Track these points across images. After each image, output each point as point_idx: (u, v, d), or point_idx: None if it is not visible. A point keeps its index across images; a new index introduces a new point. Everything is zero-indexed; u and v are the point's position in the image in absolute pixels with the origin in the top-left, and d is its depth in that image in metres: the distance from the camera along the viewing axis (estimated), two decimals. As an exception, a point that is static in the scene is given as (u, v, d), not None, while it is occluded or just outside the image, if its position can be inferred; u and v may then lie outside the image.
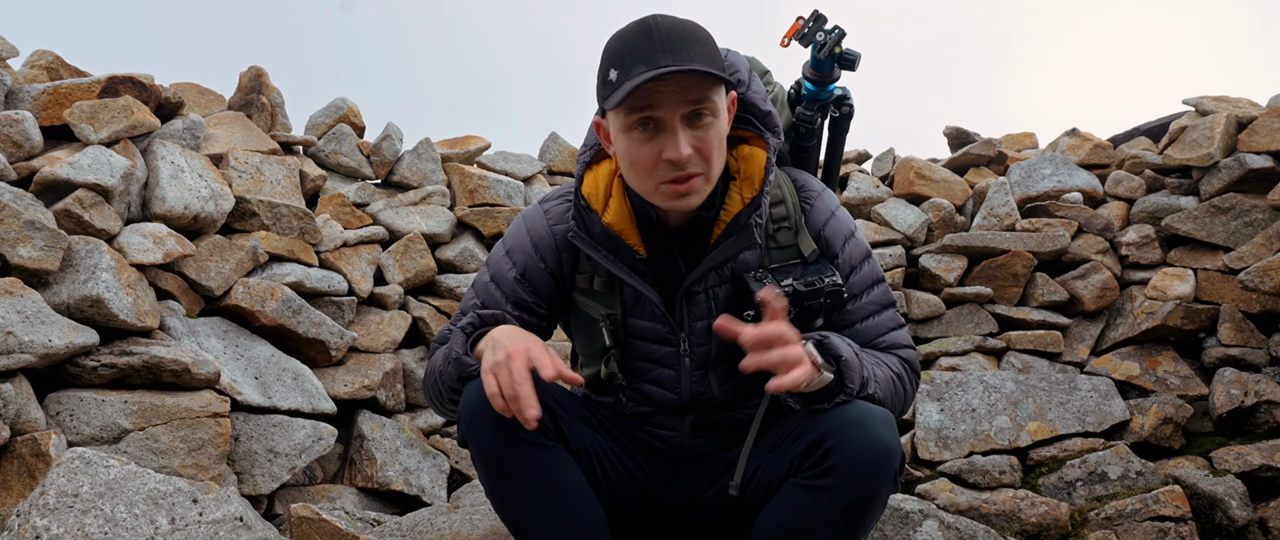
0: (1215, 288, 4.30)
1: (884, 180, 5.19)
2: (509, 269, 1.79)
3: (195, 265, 3.56)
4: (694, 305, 1.72)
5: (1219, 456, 3.80)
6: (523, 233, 1.80)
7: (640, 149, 1.57)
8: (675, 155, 1.54)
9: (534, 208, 1.83)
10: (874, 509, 1.57)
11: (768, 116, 1.71)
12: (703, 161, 1.57)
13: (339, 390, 3.83)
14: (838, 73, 1.90)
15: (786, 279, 1.67)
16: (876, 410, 1.57)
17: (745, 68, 1.76)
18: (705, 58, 1.54)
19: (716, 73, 1.53)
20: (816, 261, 1.72)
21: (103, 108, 3.53)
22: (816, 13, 1.87)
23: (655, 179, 1.59)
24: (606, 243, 1.70)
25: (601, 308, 1.77)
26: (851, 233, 1.77)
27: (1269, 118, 4.30)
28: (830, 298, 1.68)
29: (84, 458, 2.20)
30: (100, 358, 3.06)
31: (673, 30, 1.54)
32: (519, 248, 1.80)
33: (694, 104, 1.54)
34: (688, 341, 1.74)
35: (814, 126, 1.95)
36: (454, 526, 2.36)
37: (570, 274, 1.79)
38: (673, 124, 1.54)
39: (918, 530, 2.67)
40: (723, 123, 1.60)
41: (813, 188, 1.80)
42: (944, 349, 4.40)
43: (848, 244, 1.75)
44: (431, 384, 1.76)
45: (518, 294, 1.78)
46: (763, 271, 1.69)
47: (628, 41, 1.55)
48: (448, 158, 4.80)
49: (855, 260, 1.75)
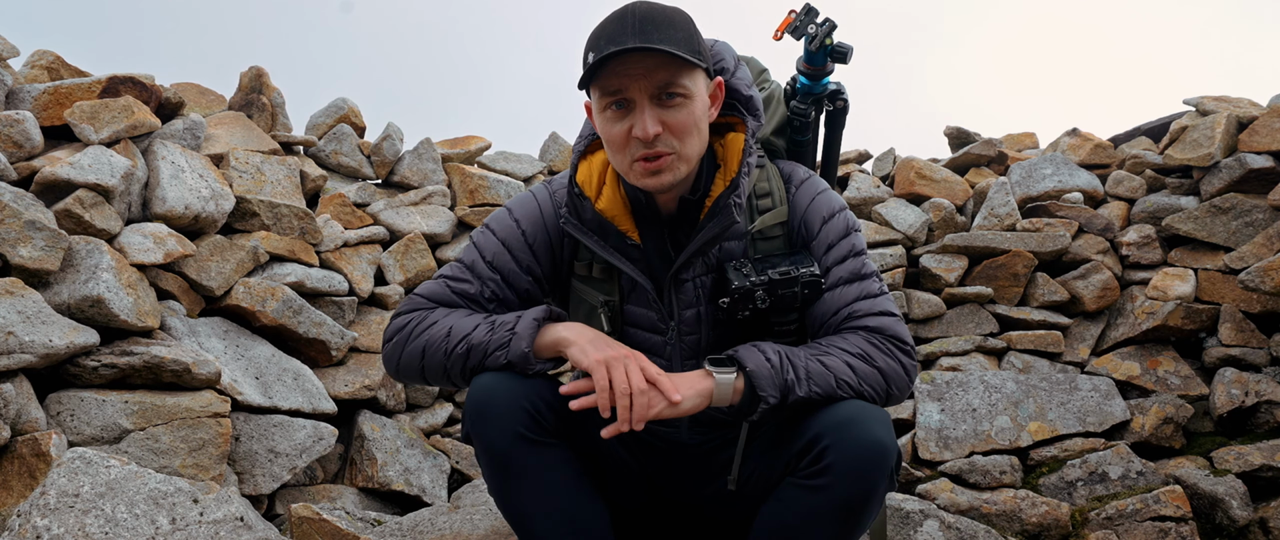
0: (1216, 288, 4.30)
1: (884, 180, 5.19)
2: (520, 236, 1.79)
3: (196, 265, 3.56)
4: (682, 293, 1.75)
5: (1220, 456, 3.80)
6: (533, 206, 1.81)
7: (612, 127, 1.63)
8: (642, 133, 1.59)
9: (541, 186, 1.85)
10: (870, 507, 1.58)
11: (749, 100, 1.74)
12: (675, 140, 1.62)
13: (339, 390, 3.83)
14: (830, 66, 1.92)
15: (766, 269, 1.70)
16: (872, 409, 1.59)
17: (732, 57, 1.80)
18: (677, 41, 1.59)
19: (683, 55, 1.57)
20: (799, 253, 1.74)
21: (103, 108, 3.53)
22: (808, 6, 1.89)
23: (628, 156, 1.64)
24: (598, 228, 1.72)
25: (600, 295, 1.78)
26: (833, 213, 1.77)
27: (1269, 117, 4.30)
28: (807, 288, 1.70)
29: (85, 458, 2.20)
30: (101, 358, 3.06)
31: (647, 15, 1.60)
32: (527, 217, 1.80)
33: (662, 85, 1.59)
34: (677, 330, 1.76)
35: (808, 120, 1.97)
36: (454, 526, 2.36)
37: (570, 259, 1.82)
38: (641, 103, 1.60)
39: (918, 530, 2.67)
40: (698, 105, 1.63)
41: (798, 176, 1.82)
42: (944, 349, 4.40)
43: (827, 223, 1.76)
44: (431, 357, 1.69)
45: (530, 261, 1.78)
46: (743, 261, 1.72)
47: (604, 25, 1.62)
48: (448, 158, 4.81)
49: (831, 238, 1.75)
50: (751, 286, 1.68)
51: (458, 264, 1.80)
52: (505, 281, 1.76)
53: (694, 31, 1.64)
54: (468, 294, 1.75)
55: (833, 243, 1.74)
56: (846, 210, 1.79)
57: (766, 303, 1.68)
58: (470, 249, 1.81)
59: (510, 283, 1.76)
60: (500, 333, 1.64)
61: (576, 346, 1.61)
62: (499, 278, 1.76)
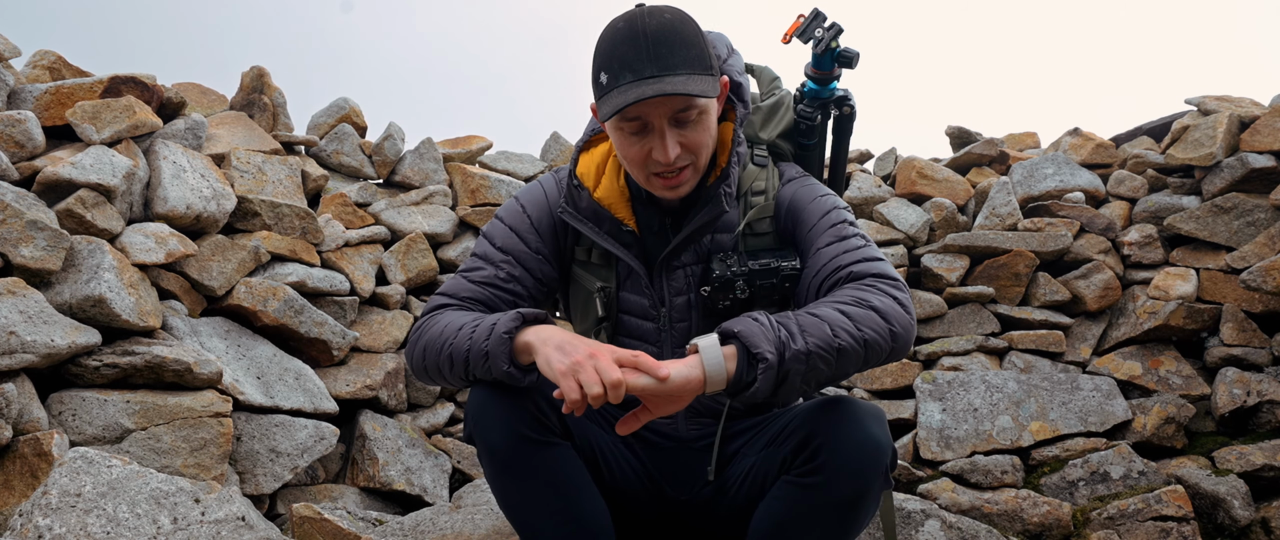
0: (1217, 287, 4.30)
1: (886, 180, 5.19)
2: (526, 219, 1.82)
3: (197, 265, 3.56)
4: (674, 280, 1.78)
5: (1221, 456, 3.80)
6: (539, 193, 1.85)
7: (630, 147, 1.64)
8: (663, 156, 1.60)
9: (548, 176, 1.88)
10: (866, 504, 1.58)
11: (738, 88, 1.77)
12: (691, 155, 1.64)
13: (341, 390, 3.83)
14: (838, 71, 1.92)
15: (748, 260, 1.73)
16: (866, 406, 1.59)
17: (724, 45, 1.84)
18: (691, 60, 1.58)
19: (702, 86, 1.57)
20: (785, 248, 1.77)
21: (105, 108, 3.53)
22: (816, 10, 1.89)
23: (646, 172, 1.66)
24: (593, 216, 1.76)
25: (597, 281, 1.82)
26: (814, 197, 1.77)
27: (1271, 117, 4.30)
28: (787, 280, 1.72)
29: (86, 457, 2.20)
30: (102, 357, 3.06)
31: (660, 34, 1.57)
32: (533, 203, 1.83)
33: (680, 110, 1.60)
34: (668, 316, 1.78)
35: (814, 124, 1.97)
36: (456, 526, 2.36)
37: (572, 245, 1.85)
38: (660, 127, 1.60)
39: (920, 530, 2.67)
40: (711, 114, 1.65)
41: (791, 172, 1.85)
42: (946, 349, 4.40)
43: (810, 204, 1.76)
44: (431, 356, 1.67)
45: (538, 242, 1.81)
46: (729, 253, 1.75)
47: (616, 44, 1.59)
48: (450, 157, 4.81)
49: (814, 214, 1.74)
50: (732, 276, 1.71)
51: (472, 256, 1.83)
52: (517, 261, 1.79)
53: (703, 42, 1.63)
54: (483, 279, 1.77)
55: (817, 216, 1.74)
56: (830, 196, 1.78)
57: (746, 293, 1.72)
58: (482, 240, 1.84)
59: (522, 263, 1.79)
60: (478, 346, 1.58)
61: (541, 357, 1.52)
62: (510, 258, 1.79)
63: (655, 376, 1.47)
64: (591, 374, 1.44)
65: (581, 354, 1.47)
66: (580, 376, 1.44)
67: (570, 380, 1.45)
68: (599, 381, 1.43)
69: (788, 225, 1.78)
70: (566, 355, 1.48)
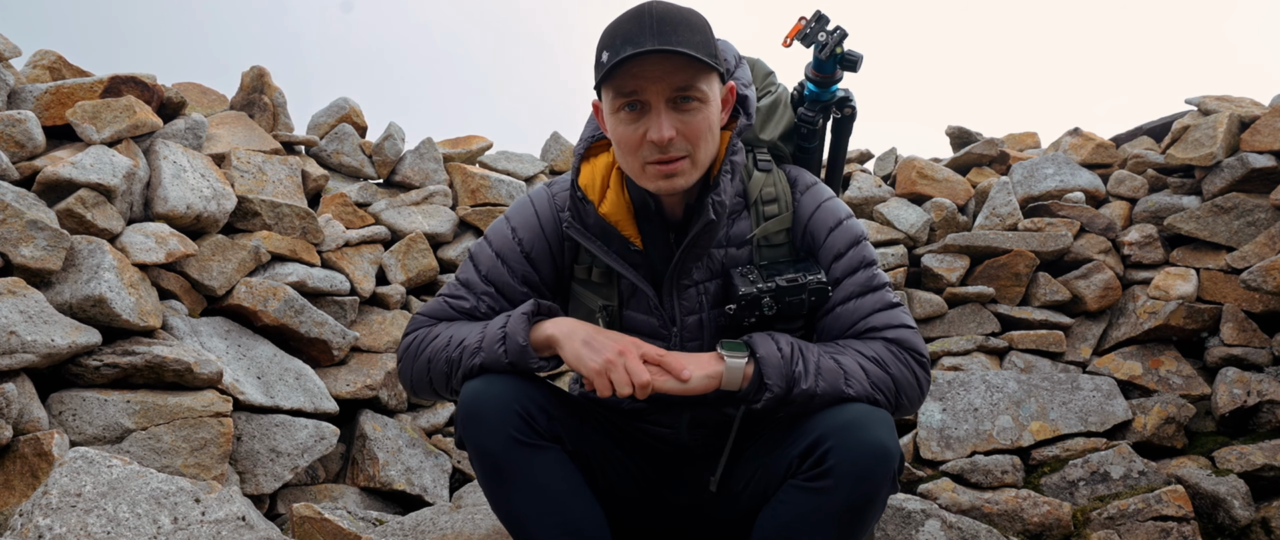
0: (1218, 287, 4.30)
1: (886, 180, 5.19)
2: (515, 247, 1.79)
3: (197, 265, 3.56)
4: (685, 298, 1.74)
5: (1221, 456, 3.80)
6: (530, 212, 1.80)
7: (626, 129, 1.61)
8: (657, 136, 1.58)
9: (540, 189, 1.84)
10: (872, 510, 1.57)
11: (744, 99, 1.74)
12: (689, 145, 1.61)
13: (341, 390, 3.83)
14: (839, 74, 1.91)
15: (773, 275, 1.69)
16: (874, 411, 1.58)
17: (733, 55, 1.80)
18: (695, 43, 1.57)
19: (702, 58, 1.56)
20: (806, 259, 1.74)
21: (105, 107, 3.53)
22: (819, 13, 1.88)
23: (641, 159, 1.62)
24: (601, 233, 1.72)
25: (599, 299, 1.78)
26: (839, 221, 1.76)
27: (1271, 117, 4.30)
28: (814, 295, 1.69)
29: (87, 457, 2.20)
30: (103, 357, 3.06)
31: (665, 15, 1.58)
32: (525, 225, 1.79)
33: (679, 88, 1.58)
34: (679, 336, 1.75)
35: (816, 127, 1.95)
36: (456, 526, 2.36)
37: (570, 263, 1.81)
38: (658, 105, 1.58)
39: (920, 530, 2.67)
40: (713, 110, 1.63)
41: (805, 181, 1.81)
42: (946, 349, 4.40)
43: (833, 232, 1.75)
44: (435, 367, 1.71)
45: (526, 270, 1.78)
46: (750, 268, 1.71)
47: (620, 25, 1.60)
48: (450, 157, 4.81)
49: (839, 247, 1.74)
50: (759, 293, 1.67)
51: (455, 282, 1.81)
52: (500, 294, 1.77)
53: (710, 34, 1.63)
54: (464, 310, 1.77)
55: (841, 252, 1.73)
56: (852, 218, 1.78)
57: (773, 310, 1.68)
58: (467, 264, 1.82)
59: (506, 295, 1.77)
60: (493, 333, 1.65)
61: (568, 351, 1.61)
62: (493, 290, 1.77)
63: (678, 378, 1.59)
64: (623, 375, 1.56)
65: (612, 352, 1.57)
66: (612, 376, 1.55)
67: (603, 379, 1.56)
68: (629, 383, 1.55)
69: (806, 240, 1.76)
70: (597, 353, 1.58)
